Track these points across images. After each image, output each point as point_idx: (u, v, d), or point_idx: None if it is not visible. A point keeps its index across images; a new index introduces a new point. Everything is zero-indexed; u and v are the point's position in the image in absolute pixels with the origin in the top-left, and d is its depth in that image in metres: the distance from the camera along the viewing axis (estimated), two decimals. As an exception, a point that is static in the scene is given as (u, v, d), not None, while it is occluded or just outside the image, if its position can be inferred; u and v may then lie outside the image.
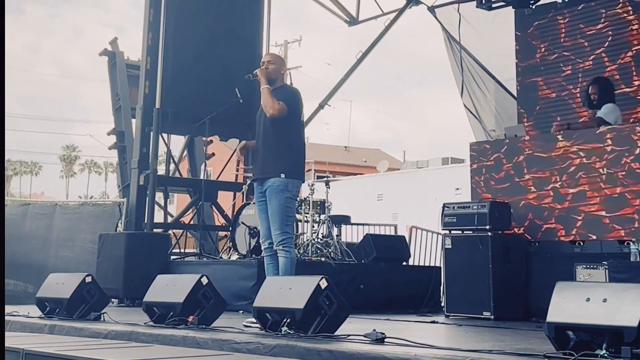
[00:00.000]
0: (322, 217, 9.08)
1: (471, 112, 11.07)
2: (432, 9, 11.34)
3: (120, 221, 9.41)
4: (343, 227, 10.10)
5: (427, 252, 11.44)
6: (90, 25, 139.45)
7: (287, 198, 5.66)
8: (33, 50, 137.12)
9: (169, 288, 5.60)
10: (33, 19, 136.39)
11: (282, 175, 5.65)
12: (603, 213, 6.82)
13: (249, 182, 9.11)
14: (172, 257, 9.20)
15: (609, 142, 6.84)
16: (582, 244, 6.97)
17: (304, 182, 5.91)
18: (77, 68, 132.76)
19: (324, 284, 4.65)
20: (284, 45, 31.67)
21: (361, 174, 26.31)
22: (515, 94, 9.95)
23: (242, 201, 9.29)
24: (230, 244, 8.80)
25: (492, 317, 6.76)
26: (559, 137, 7.25)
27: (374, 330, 4.35)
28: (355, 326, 4.91)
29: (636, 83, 8.62)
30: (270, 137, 5.76)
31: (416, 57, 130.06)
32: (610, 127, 7.02)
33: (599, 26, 8.98)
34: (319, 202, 9.10)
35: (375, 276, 8.32)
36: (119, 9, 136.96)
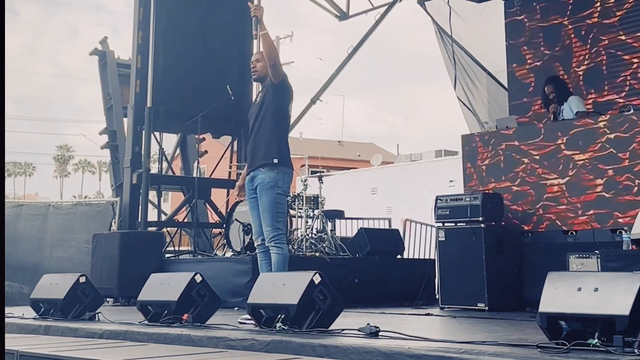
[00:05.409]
0: (316, 212, 9.08)
1: (465, 105, 11.05)
2: (422, 2, 11.29)
3: (114, 220, 9.42)
4: (337, 221, 10.11)
5: (422, 245, 11.46)
6: (85, 26, 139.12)
7: (277, 194, 5.66)
8: (29, 52, 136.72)
9: (163, 286, 5.60)
10: (28, 20, 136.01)
11: (275, 160, 5.63)
12: (593, 202, 6.86)
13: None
14: (167, 255, 9.20)
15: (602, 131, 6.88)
16: (574, 233, 7.00)
17: (292, 172, 5.87)
18: (73, 68, 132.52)
19: (317, 279, 4.66)
20: (275, 41, 31.60)
21: (355, 168, 26.31)
22: (506, 85, 9.96)
23: (236, 198, 9.28)
24: (225, 241, 8.81)
25: (487, 308, 6.79)
26: (548, 128, 7.27)
27: (368, 324, 4.35)
28: (349, 320, 4.91)
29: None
30: (263, 128, 5.75)
31: (408, 51, 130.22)
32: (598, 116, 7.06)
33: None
34: (312, 197, 9.10)
35: (370, 270, 8.33)
36: (114, 8, 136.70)
